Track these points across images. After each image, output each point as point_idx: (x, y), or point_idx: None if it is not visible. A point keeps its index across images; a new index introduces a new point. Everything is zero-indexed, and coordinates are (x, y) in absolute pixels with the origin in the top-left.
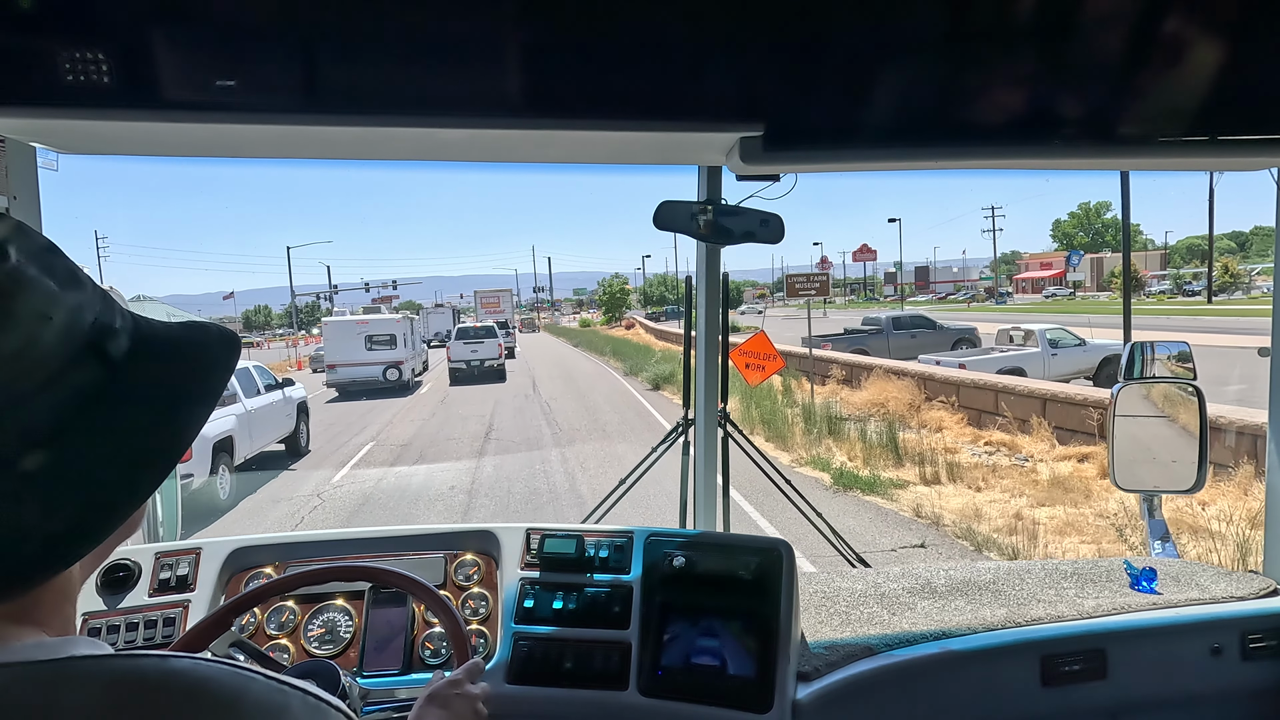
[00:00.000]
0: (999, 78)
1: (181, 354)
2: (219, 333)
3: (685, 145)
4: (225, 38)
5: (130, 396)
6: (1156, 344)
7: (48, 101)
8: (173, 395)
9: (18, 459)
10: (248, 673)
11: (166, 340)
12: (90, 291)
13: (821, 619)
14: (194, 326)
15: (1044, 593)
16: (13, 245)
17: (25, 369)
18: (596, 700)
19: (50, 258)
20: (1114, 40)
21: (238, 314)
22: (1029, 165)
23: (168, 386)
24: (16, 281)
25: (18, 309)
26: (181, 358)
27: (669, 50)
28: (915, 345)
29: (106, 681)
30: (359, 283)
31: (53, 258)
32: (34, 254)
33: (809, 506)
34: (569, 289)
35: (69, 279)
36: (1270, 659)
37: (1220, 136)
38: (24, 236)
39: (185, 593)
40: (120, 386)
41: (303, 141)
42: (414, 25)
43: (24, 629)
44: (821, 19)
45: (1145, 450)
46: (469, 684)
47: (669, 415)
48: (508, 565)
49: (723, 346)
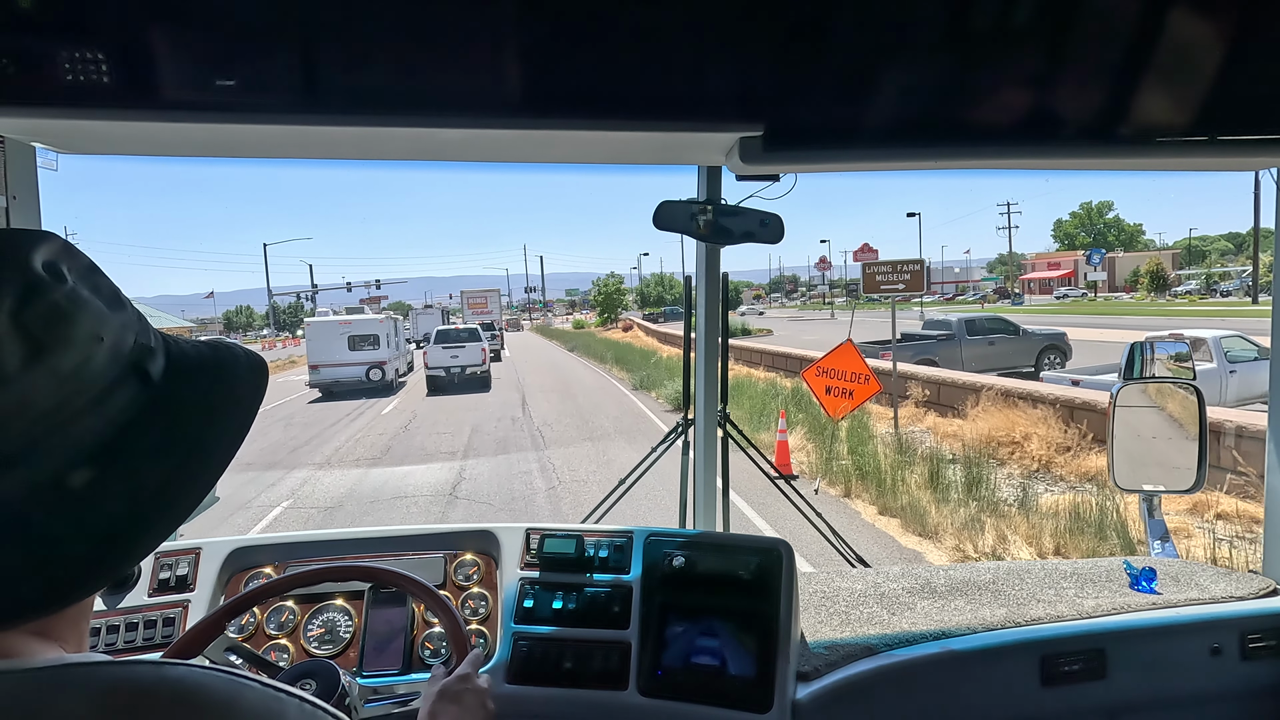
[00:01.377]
0: (998, 78)
1: (211, 374)
2: (245, 355)
3: (685, 145)
4: (225, 38)
5: (169, 416)
6: (1156, 344)
7: (47, 101)
8: (208, 415)
9: (66, 476)
10: (242, 679)
11: (196, 360)
12: (130, 312)
13: (821, 619)
14: (220, 347)
15: (1044, 593)
16: (65, 266)
17: (79, 388)
18: (596, 700)
19: (95, 278)
20: (1114, 40)
21: (219, 314)
22: (1029, 165)
23: (203, 407)
24: (74, 302)
25: (75, 330)
26: (212, 378)
27: (669, 50)
28: (995, 354)
29: (99, 689)
30: (341, 282)
31: (97, 278)
32: (83, 274)
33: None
34: (562, 289)
35: (113, 299)
36: (1270, 659)
37: (1220, 136)
38: (72, 257)
39: (185, 593)
40: (159, 406)
41: (302, 141)
42: (414, 25)
43: (45, 644)
44: (821, 19)
45: (1145, 450)
46: (476, 678)
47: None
48: (507, 565)
49: (723, 347)
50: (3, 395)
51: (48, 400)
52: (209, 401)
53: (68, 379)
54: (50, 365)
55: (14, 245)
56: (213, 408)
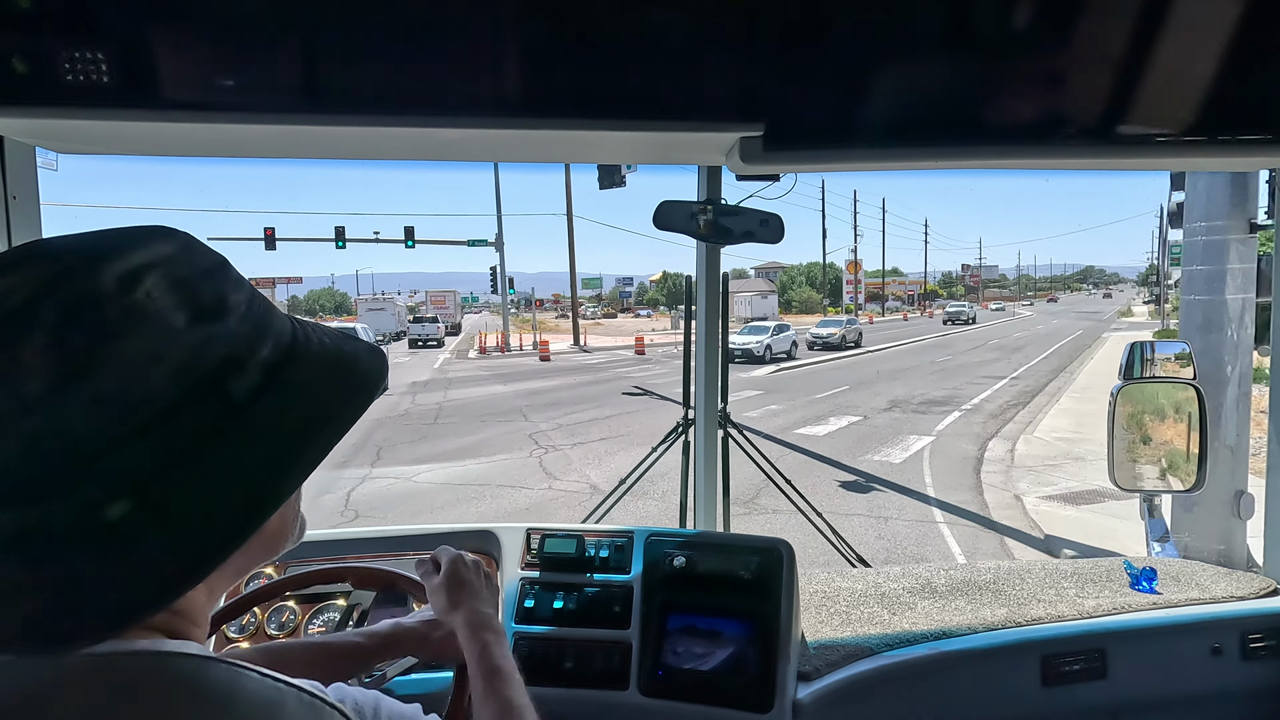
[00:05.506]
0: (999, 78)
1: (327, 379)
2: (369, 351)
3: (685, 145)
4: (225, 38)
5: (249, 436)
6: (1157, 344)
7: (47, 101)
8: (303, 429)
9: (106, 505)
10: (241, 668)
11: (318, 361)
12: (234, 322)
13: (822, 619)
14: (345, 341)
15: (1044, 592)
16: (153, 272)
17: (121, 414)
18: (597, 700)
19: (199, 283)
20: (1113, 40)
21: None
22: (1029, 165)
23: (300, 420)
24: (131, 318)
25: (124, 349)
26: (325, 385)
27: (669, 50)
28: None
29: (100, 676)
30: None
31: (203, 283)
32: (177, 282)
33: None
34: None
35: (210, 309)
36: (1270, 659)
37: (1220, 136)
38: (173, 262)
39: None
40: (240, 425)
41: (302, 141)
42: (414, 25)
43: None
44: (822, 19)
45: (1145, 450)
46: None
47: None
48: (508, 565)
49: (723, 346)
50: (29, 422)
51: (82, 426)
52: (310, 412)
53: (108, 403)
54: (88, 390)
55: (95, 249)
56: (313, 419)
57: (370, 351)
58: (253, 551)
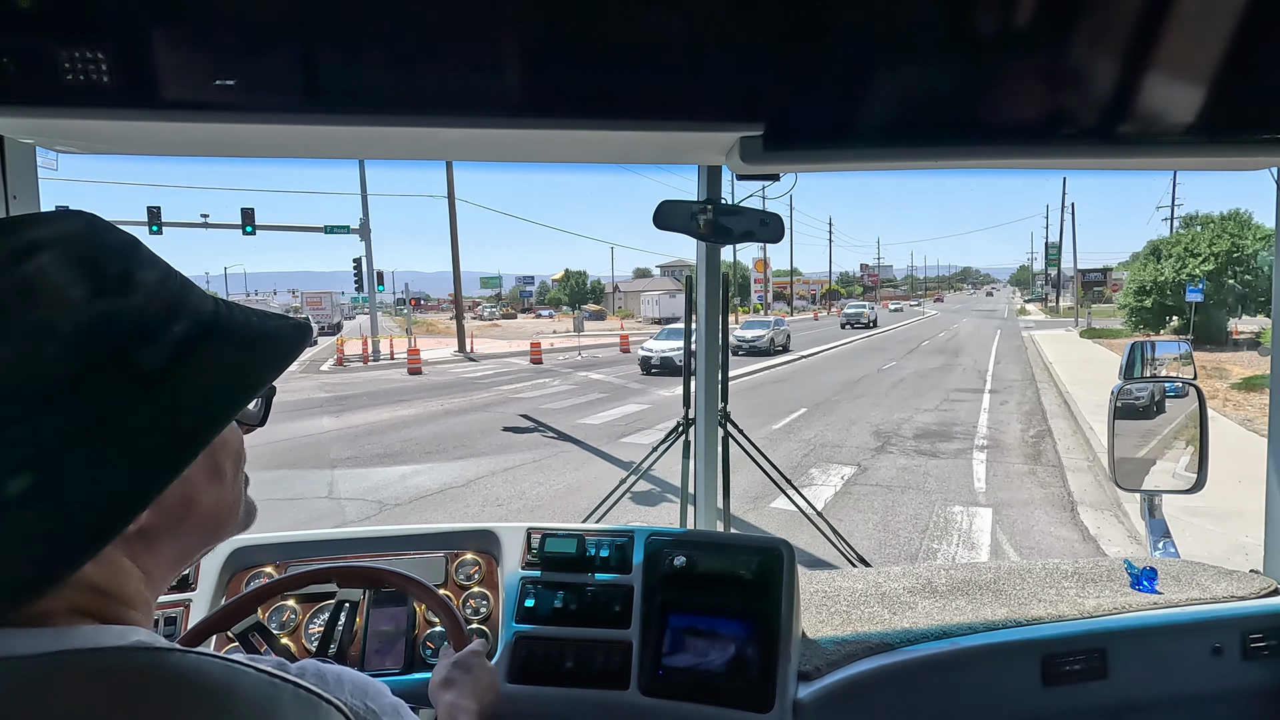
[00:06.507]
0: (999, 77)
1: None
2: (293, 327)
3: (685, 145)
4: (225, 37)
5: (159, 408)
6: (1157, 344)
7: (47, 101)
8: (212, 402)
9: (2, 480)
10: (239, 665)
11: (240, 338)
12: (140, 298)
13: (822, 618)
14: (269, 319)
15: (1045, 592)
16: (50, 248)
17: (12, 390)
18: (598, 699)
19: (102, 260)
20: (1114, 40)
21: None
22: (1029, 165)
23: (210, 393)
24: (19, 292)
25: (12, 324)
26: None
27: (669, 50)
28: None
29: (97, 672)
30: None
31: (106, 260)
32: (76, 259)
33: (809, 506)
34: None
35: (114, 285)
36: (1271, 659)
37: (1220, 136)
38: (73, 239)
39: (186, 592)
40: (149, 399)
41: (302, 141)
42: (414, 24)
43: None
44: (822, 19)
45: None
46: (485, 657)
47: None
48: (508, 564)
49: (723, 346)
50: None
51: None
52: (222, 381)
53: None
54: None
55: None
56: (224, 390)
57: (294, 328)
58: (190, 534)
